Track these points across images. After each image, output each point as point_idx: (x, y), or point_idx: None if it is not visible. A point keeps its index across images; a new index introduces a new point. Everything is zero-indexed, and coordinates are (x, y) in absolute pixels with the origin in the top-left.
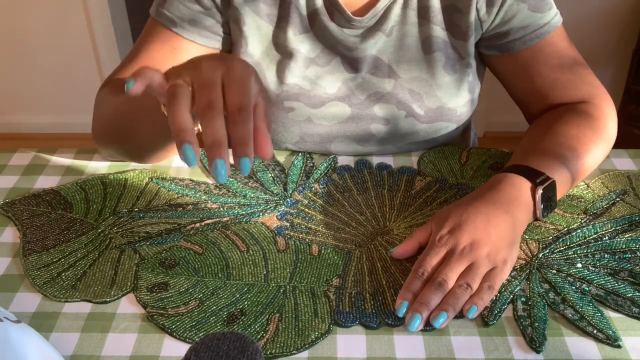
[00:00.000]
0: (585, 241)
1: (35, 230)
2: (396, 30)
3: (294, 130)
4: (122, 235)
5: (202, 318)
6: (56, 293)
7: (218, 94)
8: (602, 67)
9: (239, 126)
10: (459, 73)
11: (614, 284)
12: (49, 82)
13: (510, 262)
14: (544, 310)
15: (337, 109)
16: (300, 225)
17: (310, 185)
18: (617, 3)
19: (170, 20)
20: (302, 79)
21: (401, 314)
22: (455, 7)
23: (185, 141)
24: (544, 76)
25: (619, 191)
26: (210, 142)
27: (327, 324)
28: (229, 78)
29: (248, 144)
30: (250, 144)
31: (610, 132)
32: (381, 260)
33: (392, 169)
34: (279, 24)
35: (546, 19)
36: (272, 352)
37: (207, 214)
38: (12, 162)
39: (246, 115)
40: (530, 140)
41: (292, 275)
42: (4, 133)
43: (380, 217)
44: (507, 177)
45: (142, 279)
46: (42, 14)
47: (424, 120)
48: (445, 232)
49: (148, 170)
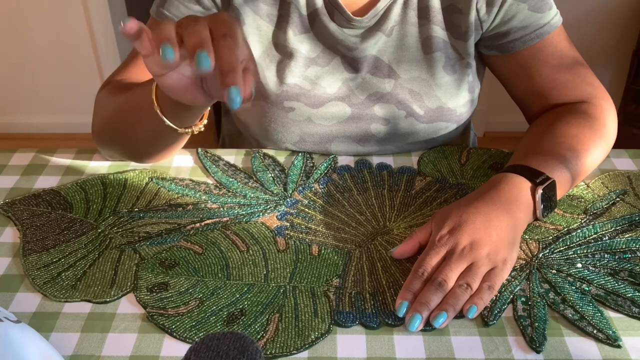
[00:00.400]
0: (585, 241)
1: (35, 230)
2: (396, 30)
3: (294, 130)
4: (122, 235)
5: (202, 318)
6: (56, 293)
7: (206, 33)
8: (602, 67)
9: (225, 51)
10: (458, 73)
11: (614, 284)
12: (49, 82)
13: (510, 262)
14: (544, 310)
15: (337, 109)
16: (300, 225)
17: (310, 185)
18: (617, 3)
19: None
20: (302, 79)
21: (401, 314)
22: (455, 7)
23: (164, 41)
24: (543, 76)
25: (619, 191)
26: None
27: (327, 324)
28: (215, 21)
29: (236, 72)
30: (238, 72)
31: (610, 132)
32: (381, 260)
33: (392, 169)
34: (279, 24)
35: (546, 19)
36: (272, 352)
37: (207, 214)
38: (12, 162)
39: (231, 42)
40: (530, 140)
41: (292, 275)
42: (4, 133)
43: (380, 217)
44: (507, 177)
45: (142, 279)
46: (42, 14)
47: (423, 120)
48: (445, 232)
49: (148, 170)
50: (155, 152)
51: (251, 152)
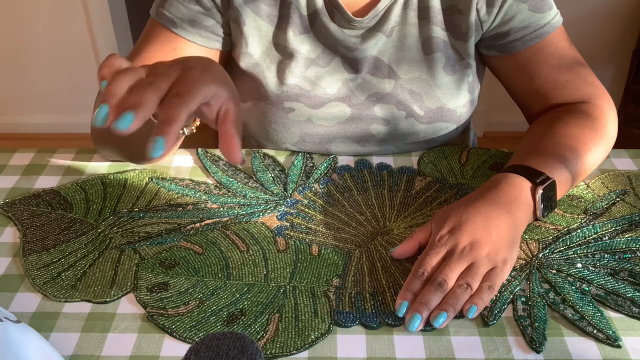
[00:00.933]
0: (585, 241)
1: (35, 230)
2: (396, 30)
3: (294, 130)
4: (122, 235)
5: (202, 318)
6: (56, 293)
7: (163, 81)
8: (602, 67)
9: (168, 108)
10: (459, 74)
11: (614, 284)
12: (49, 82)
13: (510, 262)
14: (544, 310)
15: (337, 109)
16: (300, 225)
17: (310, 185)
18: (617, 3)
19: (170, 21)
20: (302, 80)
21: (401, 314)
22: (456, 8)
23: (105, 101)
24: (544, 76)
25: (619, 191)
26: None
27: (327, 324)
28: (182, 77)
29: (169, 124)
30: (171, 127)
31: (610, 132)
32: (381, 260)
33: (392, 169)
34: (279, 24)
35: (546, 19)
36: (272, 352)
37: (207, 214)
38: (12, 162)
39: (179, 101)
40: (530, 140)
41: (292, 275)
42: (4, 133)
43: (380, 217)
44: (507, 177)
45: (142, 279)
46: (43, 14)
47: (423, 121)
48: (445, 232)
49: (148, 170)
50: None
51: (251, 152)
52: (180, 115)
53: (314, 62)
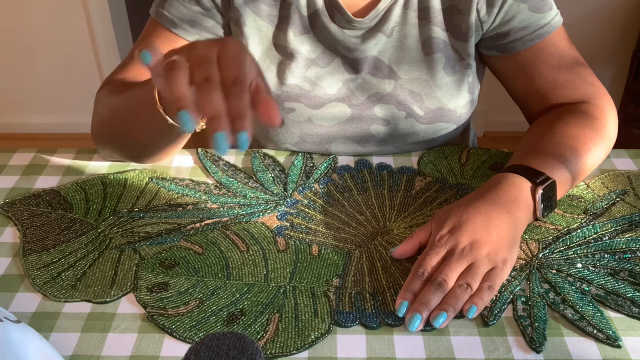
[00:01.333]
0: (585, 241)
1: (35, 230)
2: (397, 31)
3: (294, 130)
4: (122, 235)
5: (202, 318)
6: (56, 293)
7: (214, 68)
8: (602, 67)
9: (234, 99)
10: (459, 74)
11: (614, 284)
12: (49, 82)
13: (510, 262)
14: (544, 310)
15: (337, 109)
16: (300, 225)
17: (310, 185)
18: (617, 3)
19: (170, 21)
20: (303, 80)
21: (401, 314)
22: (456, 8)
23: (182, 108)
24: (544, 76)
25: (619, 191)
26: (209, 115)
27: (327, 324)
28: (223, 54)
29: (244, 118)
30: (246, 118)
31: (610, 132)
32: (381, 260)
33: (392, 169)
34: (279, 24)
35: (546, 19)
36: (272, 352)
37: (207, 214)
38: (12, 162)
39: (241, 88)
40: (530, 140)
41: (292, 275)
42: (4, 133)
43: (380, 217)
44: (507, 177)
45: (142, 279)
46: (42, 14)
47: (424, 121)
48: (445, 232)
49: (148, 170)
50: (155, 151)
51: (251, 152)
52: (246, 104)
53: (314, 62)
